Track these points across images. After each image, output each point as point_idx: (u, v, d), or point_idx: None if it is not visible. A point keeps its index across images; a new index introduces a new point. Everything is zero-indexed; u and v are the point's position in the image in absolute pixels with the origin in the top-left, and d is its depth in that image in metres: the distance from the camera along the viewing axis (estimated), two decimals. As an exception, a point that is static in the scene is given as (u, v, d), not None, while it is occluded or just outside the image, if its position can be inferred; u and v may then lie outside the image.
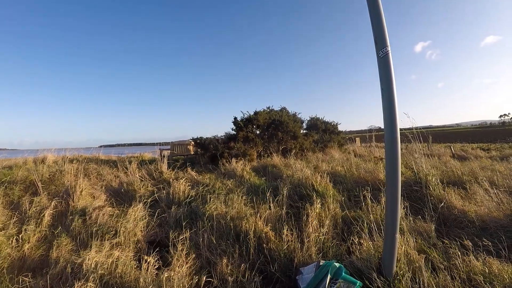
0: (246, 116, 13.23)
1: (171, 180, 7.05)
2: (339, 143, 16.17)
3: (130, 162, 9.45)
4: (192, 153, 14.96)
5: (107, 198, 6.10)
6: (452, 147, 17.22)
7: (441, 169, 8.38)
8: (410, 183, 5.88)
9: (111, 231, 4.20)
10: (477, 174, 6.96)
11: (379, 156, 12.03)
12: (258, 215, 4.27)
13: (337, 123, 19.88)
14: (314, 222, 3.97)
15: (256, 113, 13.37)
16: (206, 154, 12.47)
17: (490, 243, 3.33)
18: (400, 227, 3.90)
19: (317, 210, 4.33)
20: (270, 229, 3.97)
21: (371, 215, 4.18)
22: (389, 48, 2.86)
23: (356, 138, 39.04)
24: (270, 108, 14.63)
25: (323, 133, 17.80)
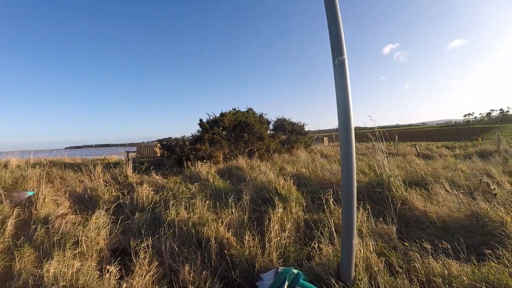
0: (211, 117, 13.21)
1: (135, 185, 7.01)
2: (305, 143, 16.25)
3: (95, 166, 9.26)
4: (159, 155, 14.84)
5: (71, 205, 5.96)
6: (417, 147, 17.57)
7: (405, 168, 8.54)
8: (373, 184, 5.94)
9: (74, 240, 4.09)
10: (439, 174, 7.12)
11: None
12: (220, 220, 4.27)
13: (303, 124, 19.95)
14: (275, 227, 3.96)
15: (222, 114, 13.34)
16: (172, 156, 12.39)
17: (449, 246, 3.39)
18: (360, 230, 3.96)
19: (279, 215, 4.33)
20: (232, 235, 3.95)
21: (332, 219, 4.18)
22: (345, 56, 2.87)
23: (324, 138, 39.51)
24: (236, 109, 14.57)
25: (290, 133, 17.91)
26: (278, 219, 4.25)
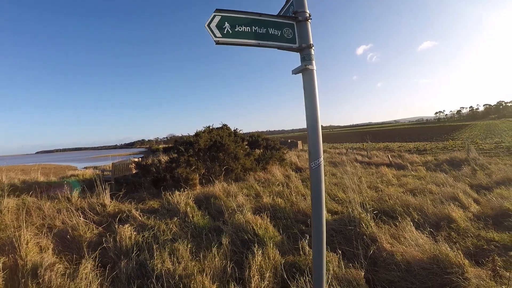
0: (186, 139, 13.23)
1: (113, 221, 6.94)
2: (280, 158, 16.36)
3: (71, 188, 9.41)
4: (134, 172, 14.80)
5: (55, 248, 5.79)
6: (389, 156, 17.92)
7: (377, 189, 8.84)
8: (345, 221, 6.16)
9: None
10: (409, 202, 7.40)
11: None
12: (205, 272, 4.33)
13: (277, 139, 20.20)
14: (255, 277, 4.13)
15: (197, 134, 13.40)
16: (148, 177, 12.40)
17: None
18: (333, 275, 4.16)
19: (258, 263, 4.46)
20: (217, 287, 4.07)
21: (308, 261, 4.47)
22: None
23: (298, 142, 39.80)
24: (211, 127, 14.66)
25: (265, 149, 18.15)
26: (258, 267, 4.38)
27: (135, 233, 6.03)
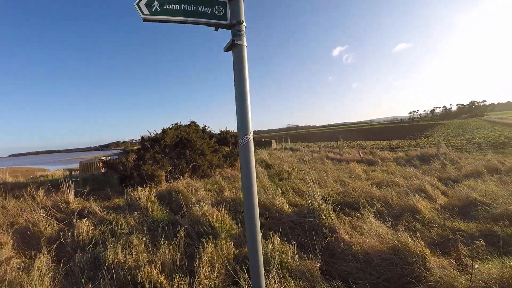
0: (153, 135, 13.10)
1: (74, 217, 6.66)
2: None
3: (38, 188, 9.21)
4: (103, 170, 14.52)
5: (14, 243, 5.78)
6: (360, 153, 18.01)
7: (344, 183, 8.82)
8: (304, 213, 6.09)
9: None
10: (373, 194, 7.39)
11: (288, 170, 12.32)
12: (154, 263, 4.29)
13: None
14: (205, 268, 4.06)
15: (164, 131, 13.25)
16: (115, 175, 12.20)
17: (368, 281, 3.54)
18: (286, 267, 4.04)
19: (209, 254, 4.41)
20: (164, 278, 4.02)
21: (266, 252, 4.35)
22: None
23: (272, 141, 39.88)
24: (179, 124, 14.59)
25: (234, 146, 18.14)
26: (208, 258, 4.33)
27: (92, 227, 6.01)
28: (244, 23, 2.90)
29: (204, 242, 4.74)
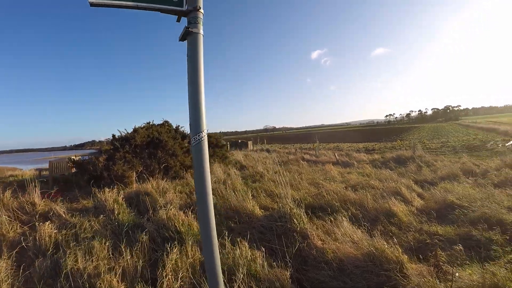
0: (123, 135, 12.78)
1: (37, 219, 6.57)
2: (222, 156, 16.23)
3: (5, 188, 8.81)
4: (73, 170, 14.09)
5: None
6: (336, 155, 17.98)
7: (319, 183, 8.69)
8: (275, 217, 5.87)
9: None
10: (348, 197, 7.23)
11: (262, 171, 12.14)
12: (114, 270, 4.08)
13: (220, 136, 19.91)
14: (168, 277, 3.88)
15: (135, 130, 12.98)
16: (85, 175, 11.80)
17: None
18: (254, 275, 3.83)
19: (173, 261, 4.21)
20: (124, 287, 3.86)
21: (230, 259, 4.20)
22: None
23: (249, 142, 39.82)
24: (151, 123, 14.31)
25: (207, 147, 17.58)
26: (172, 265, 4.14)
27: (55, 231, 5.75)
28: (201, 10, 2.67)
29: (169, 248, 4.53)
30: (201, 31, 2.67)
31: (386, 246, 4.18)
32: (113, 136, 12.90)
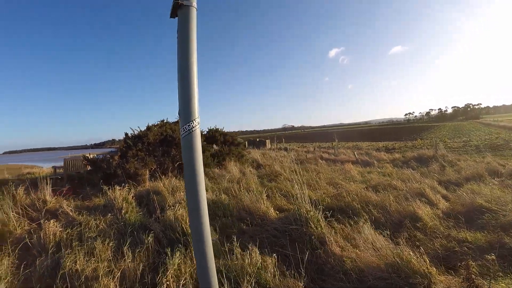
0: (136, 132, 12.64)
1: (47, 215, 6.47)
2: (239, 154, 15.94)
3: (18, 185, 8.69)
4: (88, 168, 13.98)
5: None
6: (355, 153, 17.58)
7: (338, 183, 8.32)
8: (290, 219, 5.48)
9: None
10: (369, 199, 6.82)
11: (279, 170, 11.82)
12: (112, 275, 3.87)
13: (236, 135, 19.71)
14: (169, 283, 3.64)
15: (148, 128, 12.83)
16: (98, 173, 11.61)
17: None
18: (264, 285, 3.51)
19: (175, 266, 3.94)
20: None
21: (239, 265, 3.89)
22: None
23: (267, 141, 39.63)
24: (165, 121, 14.10)
25: (222, 145, 17.64)
26: (175, 271, 3.88)
27: (61, 229, 5.57)
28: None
29: (173, 251, 4.27)
30: (194, 4, 2.34)
31: (412, 255, 3.72)
32: (126, 134, 12.76)
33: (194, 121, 2.26)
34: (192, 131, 2.26)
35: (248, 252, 4.09)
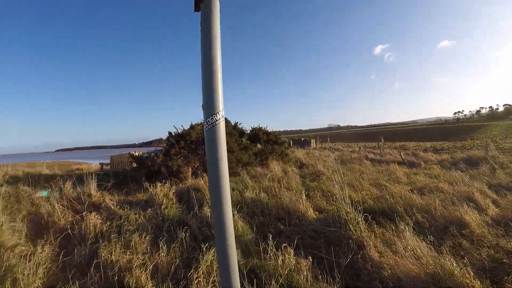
0: (179, 131, 12.85)
1: (89, 208, 6.72)
2: (282, 153, 15.90)
3: (66, 180, 9.02)
4: (134, 165, 14.34)
5: (28, 231, 5.71)
6: (401, 154, 17.16)
7: (382, 184, 8.54)
8: (329, 221, 5.26)
9: (12, 277, 3.85)
10: (414, 202, 6.50)
11: (321, 170, 11.64)
12: (145, 267, 3.95)
13: (279, 133, 19.77)
14: (200, 279, 3.66)
15: (191, 127, 13.03)
16: (143, 170, 11.91)
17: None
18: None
19: (208, 263, 3.94)
20: (152, 285, 3.69)
21: (271, 266, 3.84)
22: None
23: (312, 140, 39.46)
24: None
25: (265, 144, 17.71)
26: (207, 267, 3.89)
27: (101, 222, 5.80)
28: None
29: (207, 247, 4.26)
30: (218, -4, 2.27)
31: (455, 266, 3.45)
32: (169, 133, 13.08)
33: (217, 114, 2.17)
34: (216, 124, 2.17)
35: (281, 252, 3.98)
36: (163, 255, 4.22)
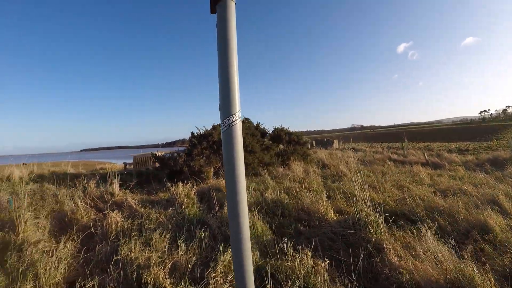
0: (202, 132, 12.99)
1: (112, 206, 6.91)
2: (304, 154, 15.86)
3: (90, 179, 9.34)
4: (157, 165, 14.54)
5: (52, 228, 5.91)
6: (425, 154, 16.95)
7: (405, 186, 8.50)
8: (349, 222, 5.20)
9: (34, 272, 3.95)
10: (436, 204, 6.35)
11: (344, 171, 11.57)
12: (163, 265, 4.01)
13: (301, 134, 19.76)
14: (217, 278, 3.68)
15: (214, 127, 13.12)
16: (165, 170, 12.10)
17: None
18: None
19: (225, 262, 3.98)
20: (170, 283, 3.71)
21: (288, 267, 3.80)
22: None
23: (334, 141, 39.29)
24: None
25: (287, 144, 17.66)
26: (224, 267, 3.93)
27: (122, 220, 5.90)
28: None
29: (226, 247, 4.30)
30: (234, -2, 2.29)
31: (476, 272, 3.33)
32: (192, 133, 13.24)
33: (234, 115, 2.20)
34: (233, 125, 2.19)
35: (299, 254, 3.96)
36: (182, 254, 4.28)
